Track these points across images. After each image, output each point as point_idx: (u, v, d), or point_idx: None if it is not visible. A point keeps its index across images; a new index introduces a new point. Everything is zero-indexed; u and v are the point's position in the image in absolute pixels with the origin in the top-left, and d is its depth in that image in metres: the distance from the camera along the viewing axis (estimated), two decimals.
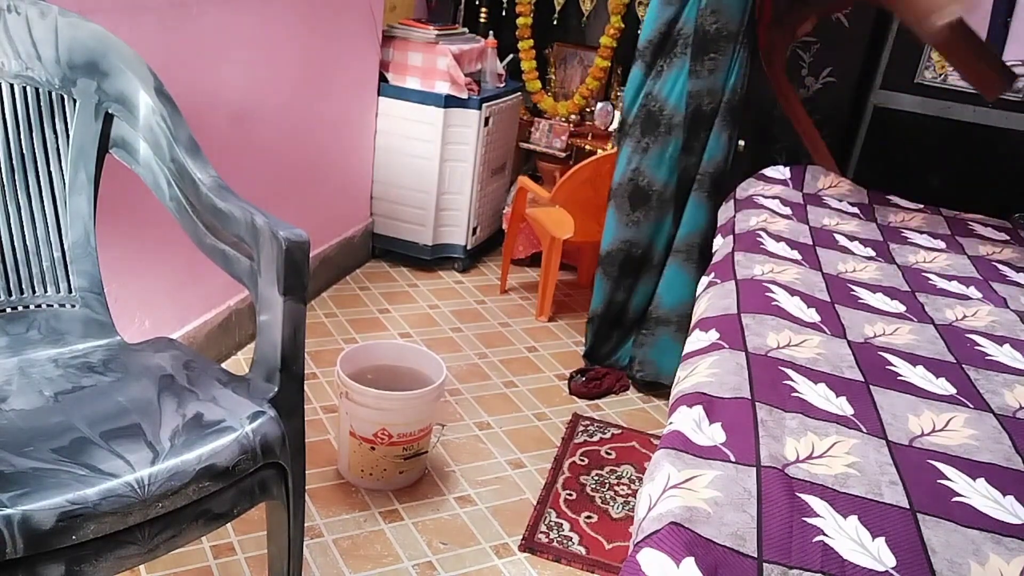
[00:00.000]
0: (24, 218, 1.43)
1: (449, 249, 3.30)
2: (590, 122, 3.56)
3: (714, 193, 2.42)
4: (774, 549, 0.88)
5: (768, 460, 1.02)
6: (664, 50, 2.37)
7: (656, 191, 2.45)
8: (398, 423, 1.95)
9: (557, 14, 3.51)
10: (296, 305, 1.29)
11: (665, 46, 2.37)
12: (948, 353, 1.42)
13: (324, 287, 3.01)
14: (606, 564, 1.85)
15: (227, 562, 1.72)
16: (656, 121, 2.42)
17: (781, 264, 1.72)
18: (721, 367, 1.27)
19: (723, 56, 2.34)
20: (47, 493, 1.02)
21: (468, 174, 3.19)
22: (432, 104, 3.05)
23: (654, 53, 2.37)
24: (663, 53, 2.37)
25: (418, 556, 1.81)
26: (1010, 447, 1.13)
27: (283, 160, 2.60)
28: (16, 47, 1.41)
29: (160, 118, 1.44)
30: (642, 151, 2.46)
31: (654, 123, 2.43)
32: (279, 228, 1.26)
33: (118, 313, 1.57)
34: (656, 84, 2.39)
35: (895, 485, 1.01)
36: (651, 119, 2.43)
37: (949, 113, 2.81)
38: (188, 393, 1.31)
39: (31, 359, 1.39)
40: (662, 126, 2.42)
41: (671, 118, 2.40)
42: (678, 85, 2.37)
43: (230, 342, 2.47)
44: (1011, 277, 1.85)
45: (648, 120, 2.43)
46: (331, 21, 2.72)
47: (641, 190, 2.49)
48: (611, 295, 2.61)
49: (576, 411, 2.47)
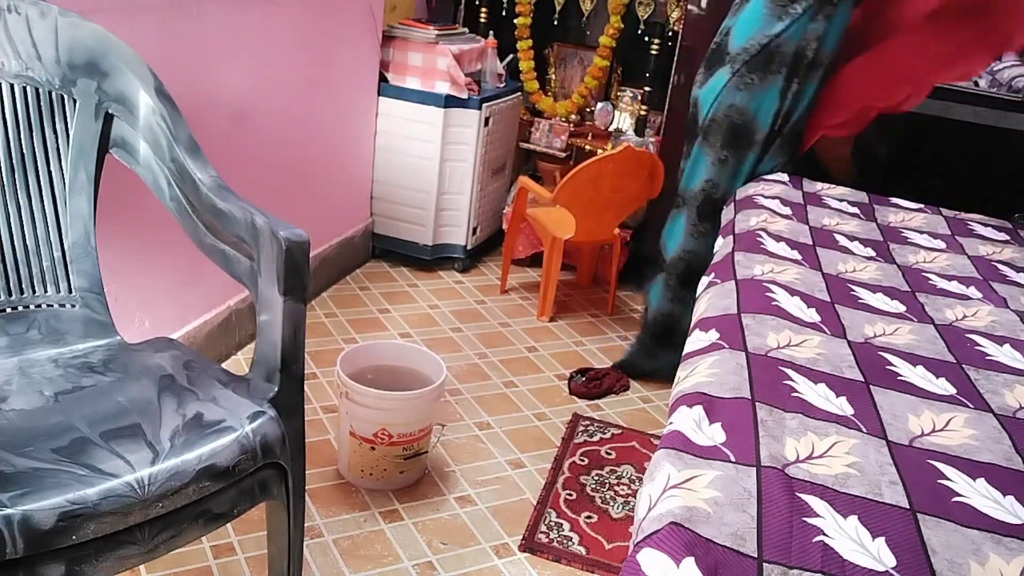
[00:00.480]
0: (24, 218, 1.43)
1: (449, 249, 3.30)
2: (590, 122, 3.56)
3: None
4: (774, 549, 0.88)
5: (768, 460, 1.02)
6: (758, 64, 2.31)
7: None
8: (398, 423, 1.95)
9: (557, 14, 3.51)
10: (296, 305, 1.29)
11: (760, 60, 2.31)
12: (948, 353, 1.42)
13: (324, 287, 3.01)
14: (606, 564, 1.85)
15: (227, 562, 1.72)
16: (738, 134, 2.38)
17: (781, 264, 1.72)
18: (721, 367, 1.27)
19: (810, 83, 2.33)
20: (47, 493, 1.02)
21: (468, 174, 3.19)
22: (432, 104, 3.05)
23: (748, 64, 2.31)
24: (757, 67, 2.31)
25: (418, 556, 1.81)
26: (1010, 447, 1.13)
27: (283, 160, 2.60)
28: (16, 47, 1.41)
29: (160, 118, 1.44)
30: (719, 163, 2.42)
31: (736, 136, 2.39)
32: (279, 228, 1.26)
33: (118, 313, 1.57)
34: (743, 96, 2.35)
35: (895, 485, 1.01)
36: (734, 132, 2.38)
37: (949, 113, 2.81)
38: (188, 393, 1.31)
39: (31, 359, 1.39)
40: (744, 140, 2.39)
41: (755, 134, 2.38)
42: (766, 103, 2.34)
43: (230, 342, 2.47)
44: (1011, 277, 1.85)
45: (731, 132, 2.39)
46: (331, 21, 2.72)
47: (714, 203, 2.44)
48: (669, 305, 2.58)
49: (576, 411, 2.47)
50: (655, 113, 3.36)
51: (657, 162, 2.92)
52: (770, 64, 2.30)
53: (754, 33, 2.31)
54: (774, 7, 2.29)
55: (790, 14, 2.27)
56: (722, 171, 2.42)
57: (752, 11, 2.33)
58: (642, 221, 3.36)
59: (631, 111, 3.44)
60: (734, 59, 2.34)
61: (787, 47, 2.28)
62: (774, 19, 2.28)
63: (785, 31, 2.27)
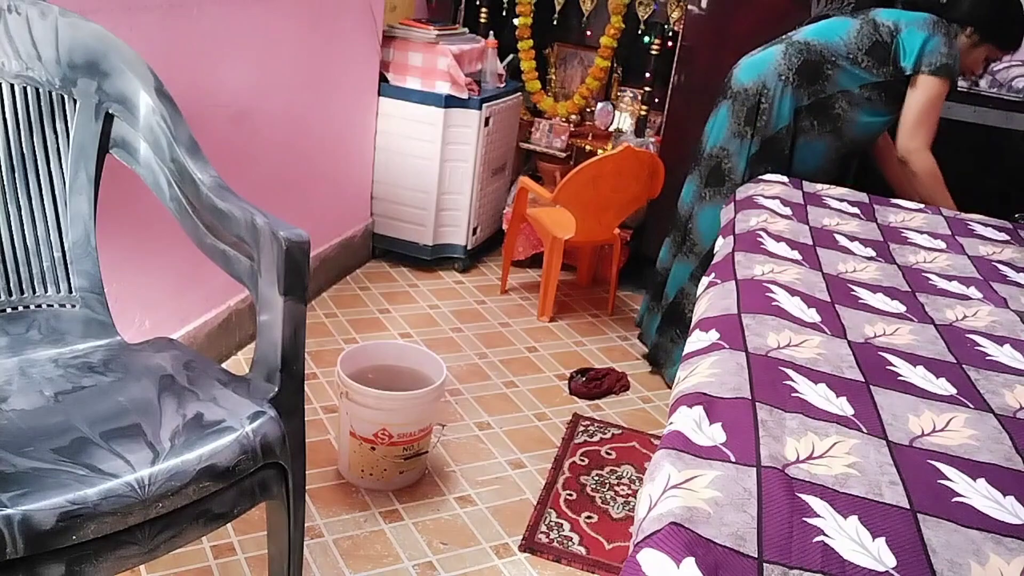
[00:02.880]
0: (24, 218, 1.43)
1: (449, 249, 3.30)
2: (590, 122, 3.56)
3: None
4: (774, 549, 0.88)
5: (768, 460, 1.02)
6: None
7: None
8: (398, 423, 1.95)
9: (557, 14, 3.51)
10: (296, 305, 1.29)
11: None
12: (948, 353, 1.42)
13: (324, 287, 3.01)
14: (606, 564, 1.85)
15: (227, 562, 1.72)
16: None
17: (781, 264, 1.72)
18: (721, 367, 1.26)
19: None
20: (47, 493, 1.02)
21: (468, 174, 3.19)
22: (432, 104, 3.05)
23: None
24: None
25: (418, 556, 1.81)
26: (1010, 447, 1.13)
27: (283, 160, 2.60)
28: (16, 47, 1.41)
29: (160, 118, 1.44)
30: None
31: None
32: (279, 228, 1.26)
33: (118, 313, 1.57)
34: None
35: (895, 485, 1.01)
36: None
37: (949, 113, 2.80)
38: (188, 393, 1.31)
39: (31, 359, 1.39)
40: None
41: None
42: (876, 122, 2.44)
43: (230, 342, 2.47)
44: (1011, 277, 1.84)
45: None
46: (331, 21, 2.72)
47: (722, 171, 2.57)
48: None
49: (576, 411, 2.47)
50: (655, 113, 3.36)
51: (657, 162, 2.92)
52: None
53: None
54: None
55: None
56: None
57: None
58: (642, 221, 3.36)
59: (631, 111, 3.44)
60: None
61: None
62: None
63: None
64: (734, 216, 2.08)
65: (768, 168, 2.48)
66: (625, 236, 3.27)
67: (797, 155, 2.49)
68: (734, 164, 2.52)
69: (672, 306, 2.67)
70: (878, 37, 2.36)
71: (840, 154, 2.48)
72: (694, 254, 2.61)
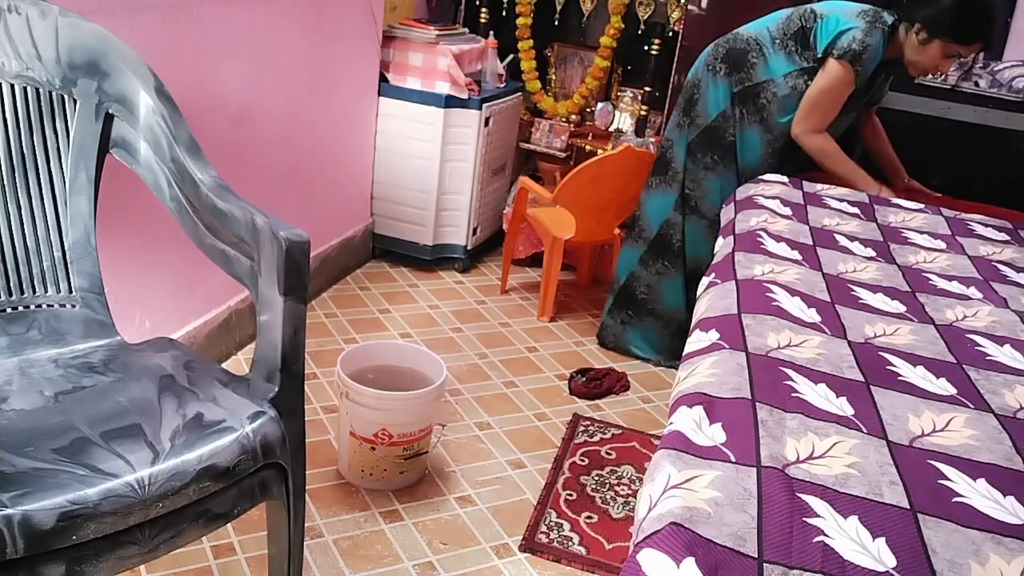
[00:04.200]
0: (24, 218, 1.43)
1: (449, 249, 3.30)
2: (590, 122, 3.56)
3: None
4: (774, 549, 0.88)
5: (768, 460, 1.02)
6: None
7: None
8: (398, 423, 1.95)
9: (557, 14, 3.51)
10: (296, 305, 1.29)
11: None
12: (948, 353, 1.42)
13: (324, 287, 3.01)
14: (606, 564, 1.85)
15: (227, 562, 1.72)
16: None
17: (781, 264, 1.72)
18: (721, 367, 1.27)
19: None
20: (47, 493, 1.02)
21: (468, 174, 3.19)
22: (432, 104, 3.05)
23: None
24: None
25: (418, 556, 1.81)
26: (1010, 447, 1.13)
27: (283, 160, 2.60)
28: (16, 47, 1.41)
29: (160, 118, 1.44)
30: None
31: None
32: (279, 228, 1.26)
33: (118, 313, 1.57)
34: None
35: (895, 485, 1.01)
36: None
37: (949, 113, 2.80)
38: (188, 393, 1.31)
39: (31, 359, 1.39)
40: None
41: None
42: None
43: (230, 342, 2.47)
44: (1011, 277, 1.84)
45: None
46: (332, 21, 2.72)
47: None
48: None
49: (576, 411, 2.47)
50: (655, 113, 3.36)
51: None
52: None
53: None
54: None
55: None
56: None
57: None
58: None
59: (631, 111, 3.44)
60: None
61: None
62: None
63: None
64: (734, 216, 2.08)
65: (712, 156, 2.56)
66: (625, 236, 3.27)
67: (738, 145, 2.54)
68: (675, 153, 2.64)
69: (623, 289, 2.80)
70: (803, 23, 2.40)
71: (774, 147, 2.50)
72: (642, 239, 2.75)
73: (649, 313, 2.78)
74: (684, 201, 2.64)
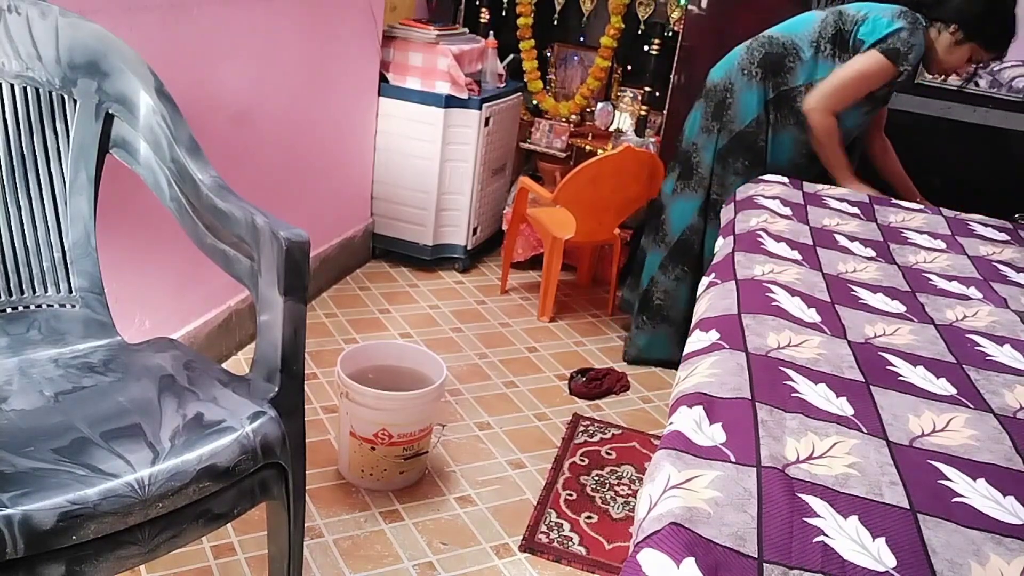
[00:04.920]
0: (24, 218, 1.43)
1: (449, 249, 3.30)
2: (590, 122, 3.56)
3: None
4: (774, 549, 0.88)
5: (768, 460, 1.02)
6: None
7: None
8: (398, 423, 1.95)
9: (557, 14, 3.51)
10: (296, 305, 1.29)
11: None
12: (948, 353, 1.42)
13: (324, 287, 3.01)
14: (606, 564, 1.85)
15: (227, 562, 1.72)
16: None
17: (781, 264, 1.72)
18: (721, 367, 1.27)
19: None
20: (47, 493, 1.02)
21: (468, 174, 3.19)
22: (432, 104, 3.05)
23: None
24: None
25: (418, 556, 1.81)
26: (1010, 447, 1.13)
27: (283, 160, 2.60)
28: (16, 47, 1.41)
29: (160, 118, 1.44)
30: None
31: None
32: (279, 228, 1.26)
33: (118, 313, 1.57)
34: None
35: (895, 485, 1.01)
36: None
37: (949, 113, 2.81)
38: (188, 393, 1.31)
39: (31, 359, 1.39)
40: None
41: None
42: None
43: (230, 342, 2.47)
44: (1011, 277, 1.84)
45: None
46: (332, 21, 2.72)
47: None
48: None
49: (576, 411, 2.47)
50: (655, 113, 3.36)
51: (657, 162, 2.92)
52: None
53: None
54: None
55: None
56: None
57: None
58: (642, 221, 3.35)
59: (631, 111, 3.44)
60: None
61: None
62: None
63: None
64: (734, 216, 2.08)
65: (743, 162, 2.53)
66: (625, 236, 3.26)
67: (769, 148, 2.53)
68: (701, 158, 2.60)
69: (645, 293, 2.78)
70: (842, 25, 2.38)
71: (808, 148, 2.48)
72: (664, 243, 2.72)
73: (664, 320, 2.74)
74: (709, 206, 2.61)
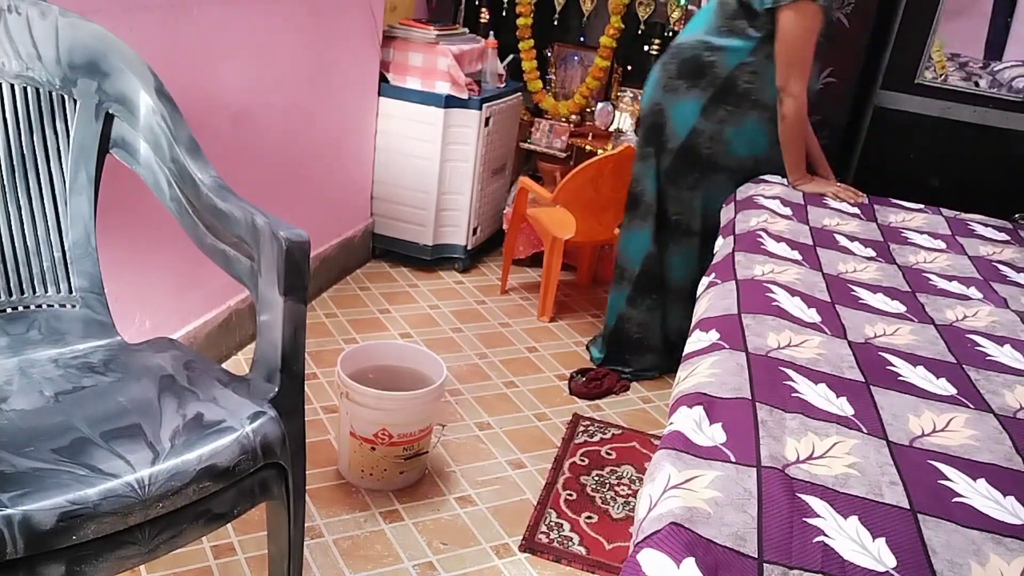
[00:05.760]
0: (24, 218, 1.43)
1: (449, 249, 3.30)
2: (590, 122, 3.56)
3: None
4: (774, 549, 0.88)
5: (768, 460, 1.02)
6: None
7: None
8: (398, 423, 1.95)
9: (557, 14, 3.51)
10: (296, 305, 1.29)
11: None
12: (948, 353, 1.42)
13: (324, 287, 3.01)
14: (607, 564, 1.85)
15: (227, 562, 1.72)
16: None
17: (781, 264, 1.72)
18: (721, 367, 1.27)
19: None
20: (47, 493, 1.02)
21: (468, 174, 3.19)
22: (432, 104, 3.05)
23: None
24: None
25: (418, 556, 1.81)
26: (1010, 447, 1.13)
27: (283, 160, 2.60)
28: (16, 47, 1.41)
29: (160, 118, 1.44)
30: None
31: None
32: (279, 228, 1.26)
33: (118, 313, 1.57)
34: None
35: (895, 485, 1.01)
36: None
37: (949, 114, 2.81)
38: (188, 393, 1.31)
39: (31, 359, 1.39)
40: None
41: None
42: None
43: (230, 342, 2.47)
44: (1011, 277, 1.84)
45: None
46: (332, 21, 2.72)
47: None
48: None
49: (576, 411, 2.47)
50: None
51: None
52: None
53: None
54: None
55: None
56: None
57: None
58: None
59: (631, 111, 3.43)
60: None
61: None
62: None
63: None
64: (734, 216, 2.08)
65: (696, 175, 2.48)
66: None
67: (734, 146, 2.42)
68: (644, 187, 2.56)
69: (615, 331, 2.72)
70: (737, 1, 2.31)
71: (775, 127, 2.38)
72: (626, 279, 2.67)
73: (648, 349, 2.70)
74: (670, 228, 2.56)
